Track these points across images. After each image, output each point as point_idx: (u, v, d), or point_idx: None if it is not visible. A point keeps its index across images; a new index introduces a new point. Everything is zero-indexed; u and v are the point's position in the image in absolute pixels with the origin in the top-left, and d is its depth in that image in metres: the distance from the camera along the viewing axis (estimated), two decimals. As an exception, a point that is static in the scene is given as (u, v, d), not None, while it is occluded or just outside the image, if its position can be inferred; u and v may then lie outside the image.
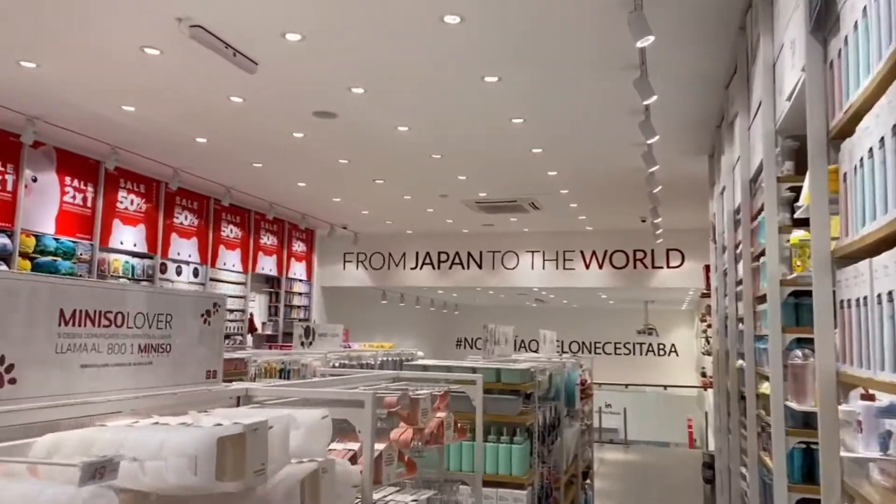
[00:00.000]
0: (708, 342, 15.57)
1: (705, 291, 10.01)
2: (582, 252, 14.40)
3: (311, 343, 6.76)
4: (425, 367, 4.36)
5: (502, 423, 4.29)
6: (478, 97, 6.80)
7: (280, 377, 5.61)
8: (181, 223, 10.92)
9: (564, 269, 14.53)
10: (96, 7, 5.10)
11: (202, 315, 1.83)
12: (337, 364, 6.39)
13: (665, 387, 19.88)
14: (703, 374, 16.46)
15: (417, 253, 15.41)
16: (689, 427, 15.92)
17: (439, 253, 15.28)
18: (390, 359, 7.82)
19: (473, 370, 4.34)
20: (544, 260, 14.64)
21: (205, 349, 1.83)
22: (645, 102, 5.99)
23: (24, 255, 8.22)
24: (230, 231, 12.10)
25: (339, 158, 9.17)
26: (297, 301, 14.17)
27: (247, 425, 1.34)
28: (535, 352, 8.64)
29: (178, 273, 10.87)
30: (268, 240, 13.22)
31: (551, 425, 5.23)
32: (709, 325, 11.27)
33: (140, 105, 7.26)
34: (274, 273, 13.45)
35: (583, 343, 24.45)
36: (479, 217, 12.91)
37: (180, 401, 1.70)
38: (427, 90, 6.67)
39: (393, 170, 9.77)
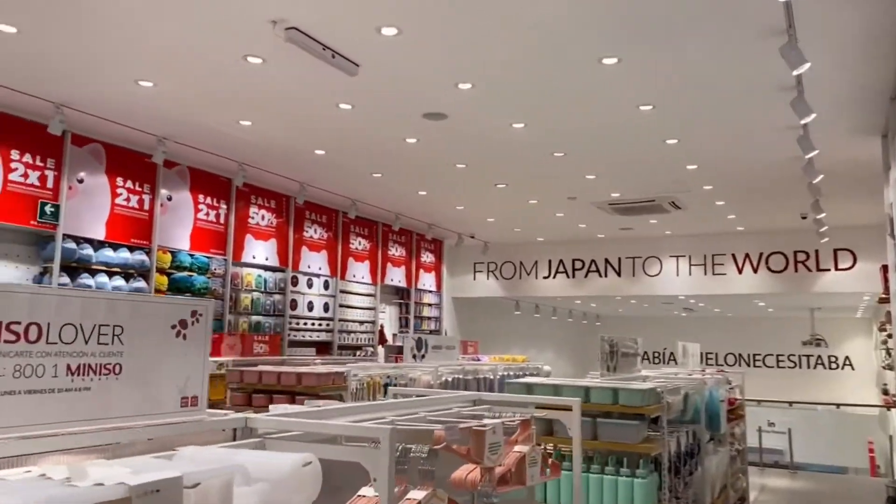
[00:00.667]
0: (889, 354, 13.56)
1: (883, 296, 8.56)
2: (733, 255, 13.05)
3: (423, 356, 6.40)
4: (528, 387, 3.81)
5: (622, 452, 3.64)
6: (597, 83, 6.14)
7: (386, 391, 5.28)
8: (311, 236, 11.06)
9: (714, 274, 13.25)
10: (196, 18, 5.07)
11: (174, 326, 1.46)
12: (450, 379, 5.97)
13: (838, 405, 17.68)
14: (885, 392, 14.39)
15: (550, 261, 14.75)
16: (871, 451, 13.95)
17: (573, 260, 14.52)
18: (511, 373, 7.29)
19: (587, 391, 3.73)
20: (690, 265, 13.44)
21: (179, 370, 1.45)
22: (795, 72, 5.07)
23: (161, 271, 8.59)
24: (358, 243, 12.14)
25: (456, 163, 8.80)
26: (426, 312, 13.99)
27: (136, 486, 0.92)
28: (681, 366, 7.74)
29: (310, 286, 11.00)
30: (396, 251, 13.15)
31: (688, 453, 4.46)
32: (889, 335, 9.68)
33: (255, 118, 7.30)
34: (403, 284, 13.35)
35: (739, 356, 22.43)
36: (614, 220, 12.05)
37: (138, 437, 1.33)
38: (539, 80, 6.12)
39: (513, 172, 9.26)
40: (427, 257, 14.21)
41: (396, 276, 13.11)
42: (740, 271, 12.97)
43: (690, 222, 12.11)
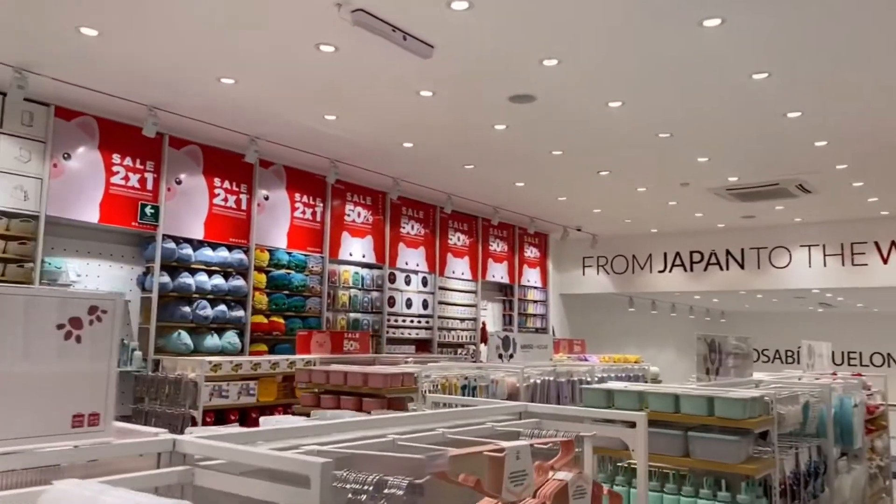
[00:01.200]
0: None
1: None
2: (877, 243, 11.61)
3: (511, 355, 5.97)
4: (609, 392, 3.30)
5: (721, 473, 3.06)
6: (700, 49, 5.46)
7: (463, 394, 4.91)
8: (407, 233, 10.90)
9: (853, 265, 11.85)
10: (265, 7, 4.93)
11: (61, 326, 1.16)
12: (538, 381, 5.51)
13: None
14: None
15: (665, 254, 13.80)
16: None
17: (691, 253, 13.50)
18: (613, 374, 6.71)
19: (677, 399, 3.18)
20: (825, 255, 12.09)
21: (68, 380, 1.16)
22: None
23: (259, 269, 8.68)
24: (457, 238, 11.85)
25: (552, 150, 8.28)
26: (531, 309, 13.48)
27: None
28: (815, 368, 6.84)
29: (408, 282, 10.84)
30: (497, 246, 12.75)
31: (811, 473, 3.77)
32: None
33: (337, 112, 7.16)
34: (506, 280, 12.92)
35: (888, 356, 20.16)
36: (734, 208, 11.03)
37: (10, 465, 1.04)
38: (633, 49, 5.52)
39: (615, 158, 8.59)
40: (531, 252, 13.69)
41: (498, 272, 12.71)
42: (885, 261, 11.50)
43: (823, 207, 10.87)
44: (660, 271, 13.86)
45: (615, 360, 9.78)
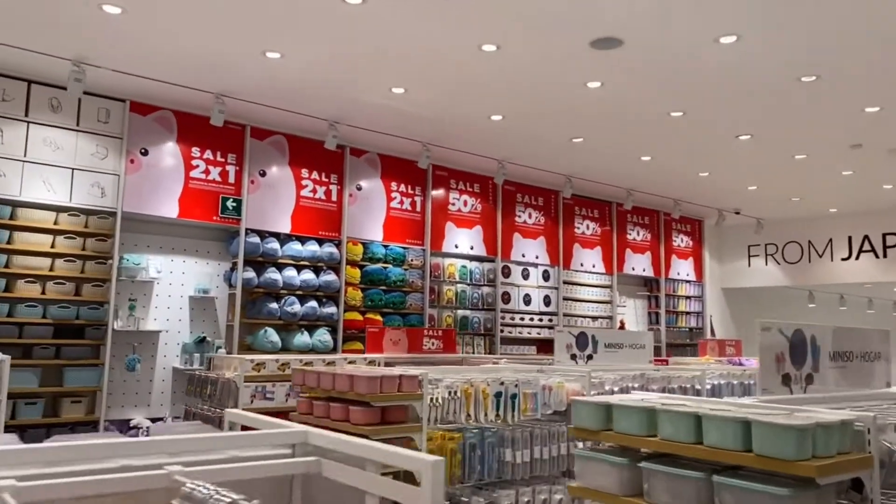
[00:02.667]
0: None
1: None
2: None
3: (589, 357, 4.83)
4: (607, 408, 2.20)
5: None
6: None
7: (497, 404, 3.90)
8: (524, 221, 9.91)
9: None
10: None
11: None
12: (615, 389, 4.35)
13: None
14: None
15: (850, 238, 11.47)
16: None
17: (884, 235, 11.07)
18: (736, 382, 5.30)
19: (697, 420, 2.03)
20: None
21: None
22: None
23: (352, 263, 8.21)
24: (585, 227, 10.62)
25: (670, 111, 6.90)
26: (683, 306, 11.82)
27: None
28: None
29: (525, 276, 9.85)
30: (636, 234, 11.29)
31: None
32: None
33: (503, 108, 6.42)
34: (649, 273, 11.41)
35: None
36: (934, 174, 8.75)
37: None
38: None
39: (748, 114, 6.98)
40: (681, 241, 12.01)
41: (639, 265, 11.25)
42: None
43: None
44: (843, 259, 11.53)
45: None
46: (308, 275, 7.80)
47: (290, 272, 7.69)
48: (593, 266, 10.59)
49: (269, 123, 7.62)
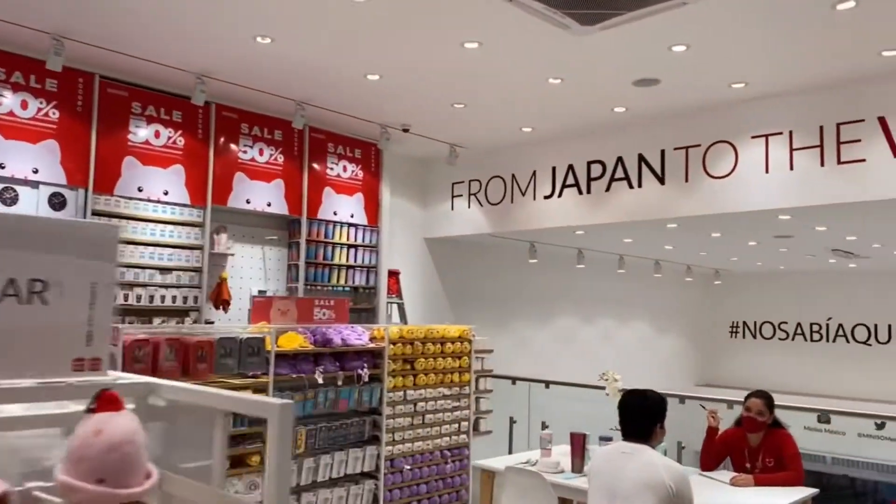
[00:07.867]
0: None
1: None
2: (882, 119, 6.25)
3: None
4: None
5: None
6: None
7: None
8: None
9: (840, 163, 6.46)
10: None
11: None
12: None
13: None
14: None
15: (554, 169, 8.75)
16: None
17: (589, 164, 8.40)
18: None
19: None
20: (791, 150, 6.75)
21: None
22: None
23: None
24: (145, 134, 7.07)
25: None
26: (342, 257, 8.67)
27: None
28: None
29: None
30: (254, 154, 7.88)
31: None
32: None
33: None
34: (282, 210, 8.11)
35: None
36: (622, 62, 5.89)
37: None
38: None
39: None
40: (338, 169, 8.77)
41: (261, 197, 7.90)
42: (902, 153, 6.16)
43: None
44: (546, 197, 8.81)
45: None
46: None
47: None
48: (167, 194, 7.12)
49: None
